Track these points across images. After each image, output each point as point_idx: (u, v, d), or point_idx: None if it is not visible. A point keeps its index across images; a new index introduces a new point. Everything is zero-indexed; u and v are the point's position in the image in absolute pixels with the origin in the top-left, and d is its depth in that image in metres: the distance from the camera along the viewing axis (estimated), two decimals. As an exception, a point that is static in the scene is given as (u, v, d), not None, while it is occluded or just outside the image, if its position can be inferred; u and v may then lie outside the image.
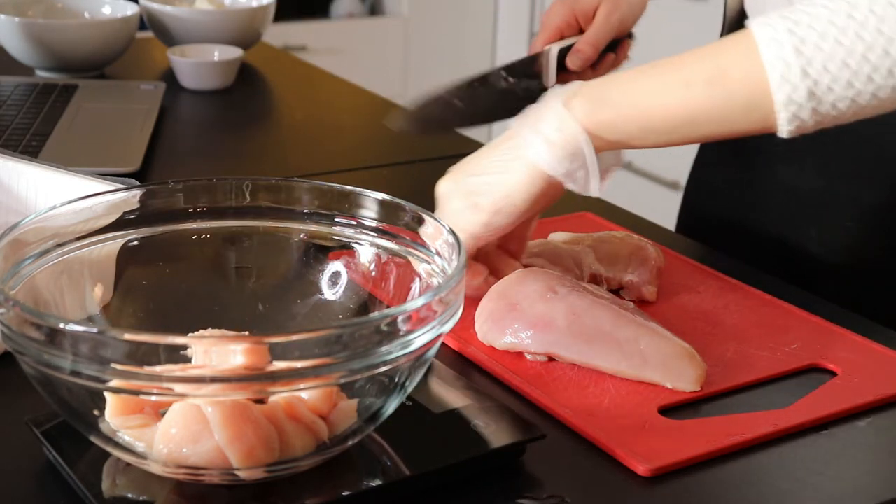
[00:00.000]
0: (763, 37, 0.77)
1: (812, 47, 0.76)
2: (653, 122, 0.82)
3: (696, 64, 0.81)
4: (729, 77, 0.79)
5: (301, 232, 0.82)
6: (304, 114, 1.59)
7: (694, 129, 0.82)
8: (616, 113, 0.83)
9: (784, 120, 0.78)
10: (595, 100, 0.83)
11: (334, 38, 3.34)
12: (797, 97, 0.77)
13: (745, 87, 0.78)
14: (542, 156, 0.84)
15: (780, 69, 0.77)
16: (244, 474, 0.65)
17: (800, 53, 0.76)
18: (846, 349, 0.89)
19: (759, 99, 0.78)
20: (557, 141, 0.83)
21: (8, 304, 0.63)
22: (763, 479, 0.74)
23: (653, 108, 0.82)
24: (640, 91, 0.83)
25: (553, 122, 0.84)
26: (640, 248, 0.98)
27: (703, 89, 0.80)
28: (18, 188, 0.93)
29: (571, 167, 0.84)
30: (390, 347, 0.64)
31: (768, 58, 0.77)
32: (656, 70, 0.83)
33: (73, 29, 1.58)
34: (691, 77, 0.80)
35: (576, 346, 0.84)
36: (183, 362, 0.60)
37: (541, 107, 0.86)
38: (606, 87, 0.84)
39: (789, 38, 0.76)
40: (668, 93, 0.81)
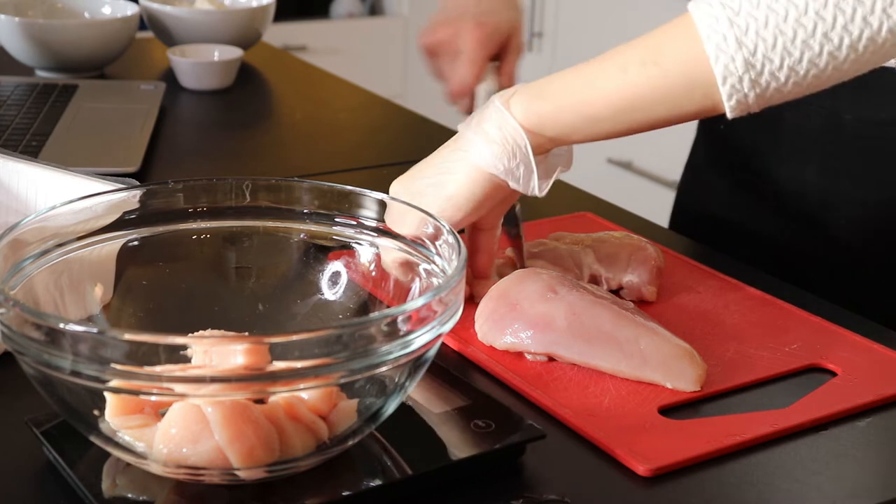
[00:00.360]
0: (697, 12, 0.76)
1: (745, 16, 0.75)
2: (593, 109, 0.81)
3: (632, 48, 0.80)
4: (664, 56, 0.78)
5: (301, 232, 0.82)
6: (304, 114, 1.59)
7: (636, 113, 0.81)
8: (555, 105, 0.82)
9: (725, 94, 0.77)
10: (534, 95, 0.83)
11: (334, 38, 3.34)
12: (734, 69, 0.75)
13: (681, 65, 0.78)
14: (483, 154, 0.84)
15: (715, 40, 0.75)
16: (244, 474, 0.65)
17: (733, 24, 0.75)
18: (846, 349, 0.89)
19: (697, 75, 0.77)
20: (497, 139, 0.83)
21: (8, 304, 0.63)
22: (763, 479, 0.74)
23: (591, 96, 0.81)
24: (577, 81, 0.82)
25: (494, 121, 0.83)
26: (640, 248, 0.98)
27: (638, 70, 0.79)
28: (18, 188, 0.93)
29: (511, 165, 0.84)
30: (390, 347, 0.64)
31: (703, 31, 0.76)
32: (594, 61, 0.82)
33: (73, 29, 1.58)
34: (626, 61, 0.80)
35: (576, 346, 0.84)
36: (183, 362, 0.60)
37: (484, 108, 0.86)
38: (545, 82, 0.84)
39: (723, 10, 0.75)
40: (606, 79, 0.80)
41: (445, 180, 0.86)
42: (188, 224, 0.80)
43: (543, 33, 3.42)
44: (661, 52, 0.78)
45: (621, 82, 0.80)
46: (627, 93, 0.80)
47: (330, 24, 3.40)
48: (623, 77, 0.80)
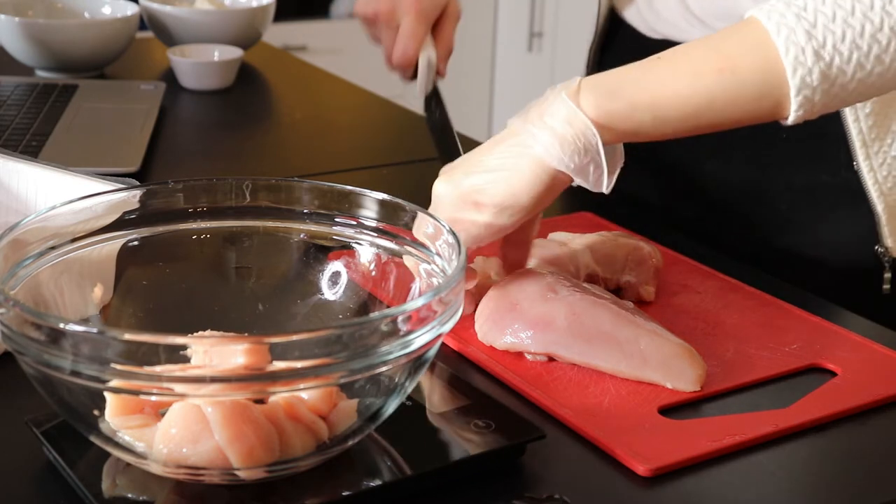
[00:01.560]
0: (772, 23, 0.78)
1: (822, 29, 0.77)
2: (665, 110, 0.81)
3: (705, 53, 0.81)
4: (740, 64, 0.79)
5: (301, 232, 0.82)
6: (304, 114, 1.59)
7: (705, 118, 0.82)
8: (628, 102, 0.81)
9: (796, 104, 0.79)
10: (604, 91, 0.82)
11: (334, 38, 3.34)
12: (810, 80, 0.78)
13: (757, 75, 0.79)
14: (552, 151, 0.81)
15: (793, 53, 0.77)
16: (244, 474, 0.65)
17: (811, 37, 0.77)
18: (846, 349, 0.89)
19: (770, 85, 0.79)
20: (567, 135, 0.81)
21: (8, 304, 0.63)
22: (763, 479, 0.74)
23: (664, 96, 0.81)
24: (651, 81, 0.82)
25: (561, 115, 0.81)
26: (638, 248, 0.98)
27: (715, 78, 0.80)
28: (18, 188, 0.93)
29: (582, 162, 0.82)
30: (390, 347, 0.64)
31: (781, 43, 0.78)
32: (664, 61, 0.82)
33: (73, 29, 1.58)
34: (702, 67, 0.80)
35: (576, 346, 0.84)
36: (183, 362, 0.60)
37: (543, 102, 0.83)
38: (615, 78, 0.83)
39: (798, 22, 0.77)
40: (679, 82, 0.81)
41: (505, 177, 0.83)
42: (188, 224, 0.80)
43: (543, 33, 3.42)
44: (737, 61, 0.79)
45: (696, 88, 0.80)
46: (702, 98, 0.81)
47: (330, 24, 3.40)
48: (698, 82, 0.80)
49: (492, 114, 3.61)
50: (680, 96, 0.81)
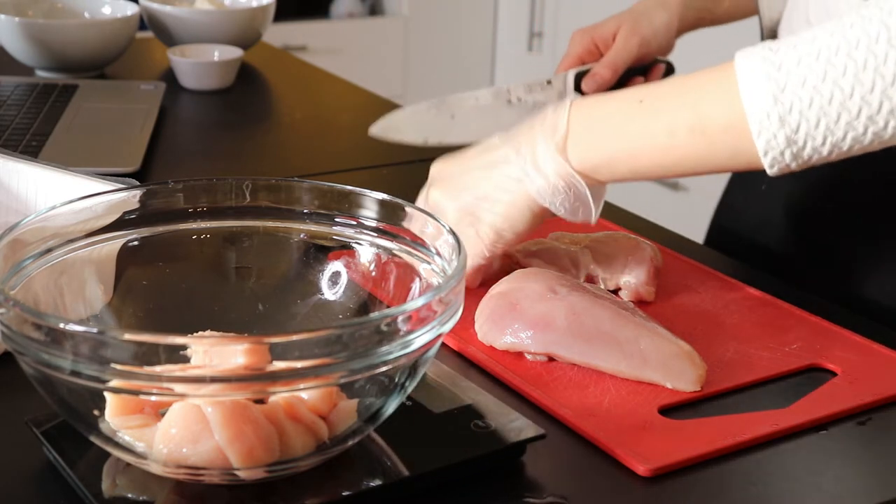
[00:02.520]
0: (743, 79, 0.78)
1: (790, 94, 0.76)
2: (641, 165, 0.85)
3: (679, 109, 0.82)
4: (710, 125, 0.80)
5: (301, 232, 0.82)
6: (304, 114, 1.59)
7: (682, 171, 0.85)
8: (607, 157, 0.85)
9: (766, 164, 0.79)
10: (585, 143, 0.86)
11: (334, 38, 3.35)
12: (776, 144, 0.78)
13: (727, 136, 0.80)
14: (544, 195, 0.87)
15: (758, 117, 0.77)
16: (244, 474, 0.65)
17: (777, 101, 0.76)
18: (846, 349, 0.89)
19: (741, 146, 0.79)
20: (558, 185, 0.87)
21: (8, 304, 0.63)
22: (763, 479, 0.74)
23: (640, 153, 0.84)
24: (628, 133, 0.84)
25: (551, 168, 0.86)
26: (638, 248, 0.98)
27: (686, 137, 0.81)
28: (18, 188, 0.93)
29: (572, 205, 0.88)
30: (390, 347, 0.64)
31: (747, 104, 0.77)
32: (642, 112, 0.84)
33: (73, 29, 1.58)
34: (674, 124, 0.82)
35: (576, 346, 0.84)
36: (183, 362, 0.60)
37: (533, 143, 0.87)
38: (596, 128, 0.86)
39: (767, 83, 0.77)
40: (654, 139, 0.83)
41: (500, 199, 0.89)
42: (188, 224, 0.80)
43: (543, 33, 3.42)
44: (707, 121, 0.80)
45: (669, 145, 0.82)
46: (675, 155, 0.83)
47: (330, 24, 3.40)
48: (671, 141, 0.82)
49: (492, 114, 3.60)
50: (654, 152, 0.83)
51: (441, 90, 3.55)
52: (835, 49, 0.75)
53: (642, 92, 0.85)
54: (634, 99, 0.85)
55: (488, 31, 3.57)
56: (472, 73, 3.56)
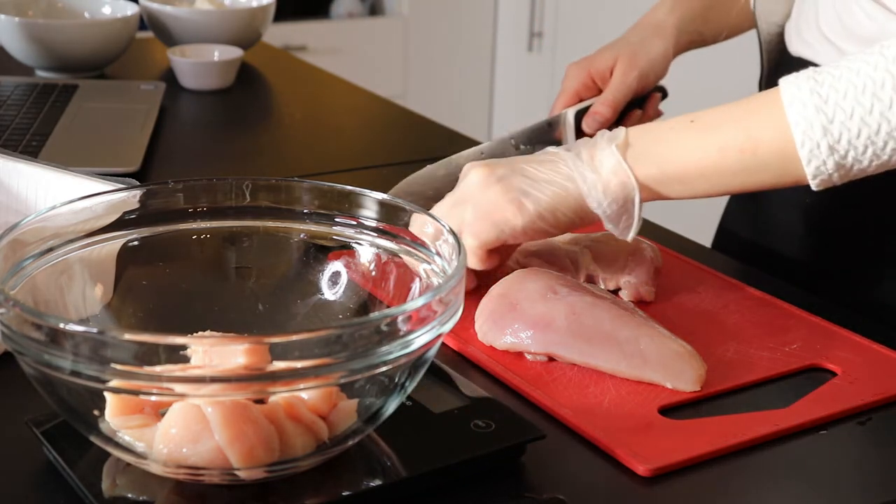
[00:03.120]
0: (793, 111, 0.83)
1: (833, 105, 0.82)
2: (692, 180, 0.88)
3: (731, 129, 0.86)
4: (760, 146, 0.85)
5: (301, 232, 0.82)
6: (304, 114, 1.59)
7: (729, 188, 0.89)
8: (661, 171, 0.88)
9: (810, 176, 0.84)
10: (643, 154, 0.88)
11: (334, 38, 3.34)
12: (825, 169, 0.83)
13: (776, 158, 0.85)
14: (594, 193, 0.88)
15: (808, 147, 0.83)
16: (244, 474, 0.65)
17: (819, 111, 0.82)
18: (846, 349, 0.89)
19: (788, 169, 0.85)
20: (611, 183, 0.88)
21: (8, 304, 0.63)
22: (763, 479, 0.74)
23: (692, 168, 0.87)
24: (681, 150, 0.88)
25: (609, 165, 0.88)
26: (638, 248, 0.98)
27: (737, 157, 0.86)
28: (18, 188, 0.93)
29: (618, 211, 0.89)
30: (390, 347, 0.64)
31: (792, 117, 0.83)
32: (694, 130, 0.88)
33: (73, 29, 1.58)
34: (726, 143, 0.86)
35: (576, 346, 0.84)
36: (183, 362, 0.60)
37: (594, 146, 0.89)
38: (651, 142, 0.89)
39: (810, 97, 0.83)
40: (706, 156, 0.87)
41: (553, 191, 0.89)
42: (188, 224, 0.80)
43: (543, 33, 3.42)
44: (758, 142, 0.85)
45: (721, 164, 0.87)
46: (725, 173, 0.87)
47: (330, 24, 3.40)
48: (722, 159, 0.86)
49: (492, 114, 3.61)
50: (706, 169, 0.87)
51: (441, 90, 3.56)
52: (881, 83, 0.82)
53: (692, 115, 0.89)
54: (685, 119, 0.89)
55: (488, 31, 3.57)
56: (472, 73, 3.56)
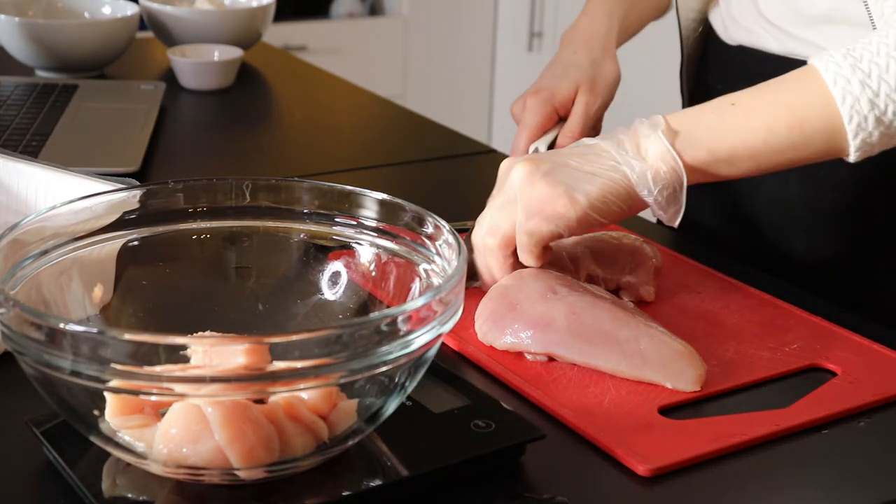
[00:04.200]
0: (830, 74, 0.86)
1: (868, 63, 0.85)
2: (740, 161, 0.89)
3: (776, 109, 0.88)
4: (808, 123, 0.87)
5: (301, 232, 0.82)
6: (304, 114, 1.59)
7: (774, 163, 0.90)
8: (710, 154, 0.89)
9: (854, 147, 0.87)
10: (690, 139, 0.89)
11: (334, 38, 3.34)
12: (866, 125, 0.86)
13: (822, 132, 0.87)
14: (644, 181, 0.88)
15: (849, 102, 0.85)
16: (244, 474, 0.65)
17: (865, 86, 0.85)
18: (846, 349, 0.89)
19: (833, 139, 0.87)
20: (661, 170, 0.88)
21: (8, 304, 0.63)
22: (763, 479, 0.74)
23: (741, 149, 0.89)
24: (727, 131, 0.89)
25: (656, 152, 0.88)
26: (638, 248, 0.98)
27: (785, 135, 0.88)
28: (18, 188, 0.93)
29: (666, 197, 0.89)
30: (390, 347, 0.64)
31: (838, 94, 0.85)
32: (738, 110, 0.90)
33: (73, 29, 1.58)
34: (774, 123, 0.88)
35: (576, 346, 0.84)
36: (183, 362, 0.60)
37: (634, 134, 0.89)
38: (694, 126, 0.90)
39: (854, 73, 0.85)
40: (755, 136, 0.89)
41: (604, 181, 0.88)
42: (188, 224, 0.80)
43: (543, 33, 3.42)
44: (805, 119, 0.87)
45: (769, 143, 0.89)
46: (773, 152, 0.89)
47: (330, 24, 3.40)
48: (770, 137, 0.88)
49: (492, 114, 3.61)
50: (755, 150, 0.89)
51: (441, 90, 3.56)
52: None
53: (729, 98, 0.91)
54: (725, 103, 0.90)
55: (488, 31, 3.57)
56: (472, 73, 3.56)
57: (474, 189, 0.94)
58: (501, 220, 0.90)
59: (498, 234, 0.90)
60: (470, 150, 1.41)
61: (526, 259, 0.90)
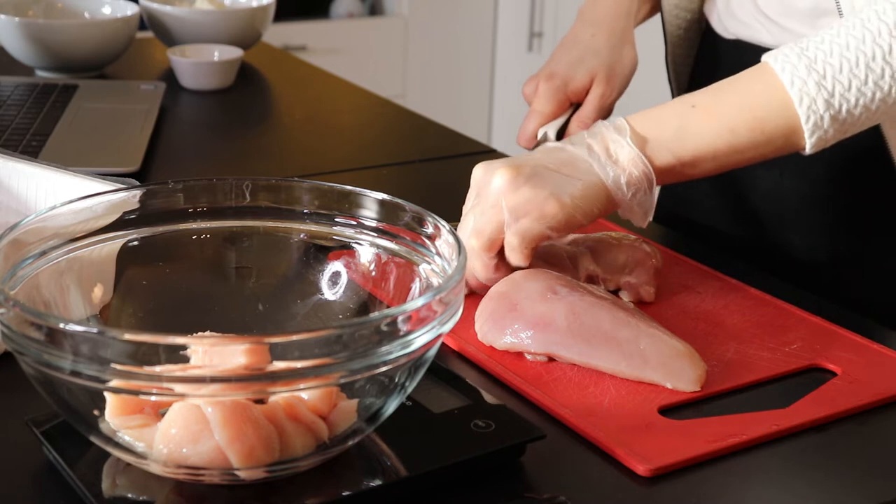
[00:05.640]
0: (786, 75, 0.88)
1: (822, 63, 0.88)
2: (703, 163, 0.92)
3: (738, 111, 0.91)
4: (768, 123, 0.90)
5: (301, 232, 0.82)
6: (304, 114, 1.59)
7: (735, 165, 0.93)
8: (677, 158, 0.91)
9: (810, 145, 0.89)
10: (658, 145, 0.91)
11: (334, 38, 3.34)
12: (816, 108, 0.88)
13: (781, 130, 0.90)
14: (620, 185, 0.90)
15: (806, 102, 0.88)
16: (244, 474, 0.65)
17: (821, 87, 0.88)
18: (846, 349, 0.89)
19: (790, 137, 0.90)
20: (633, 175, 0.90)
21: (8, 304, 0.63)
22: (763, 479, 0.74)
23: (704, 152, 0.91)
24: (691, 136, 0.91)
25: (626, 157, 0.90)
26: (638, 248, 0.98)
27: (747, 137, 0.91)
28: (18, 188, 0.93)
29: (638, 199, 0.91)
30: (390, 347, 0.64)
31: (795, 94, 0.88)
32: (700, 115, 0.92)
33: (73, 29, 1.58)
34: (736, 126, 0.90)
35: (576, 346, 0.84)
36: (183, 362, 0.60)
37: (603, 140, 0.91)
38: (660, 131, 0.91)
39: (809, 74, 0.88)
40: (718, 139, 0.91)
41: (583, 185, 0.90)
42: (188, 224, 0.80)
43: (543, 33, 3.42)
44: (765, 121, 0.90)
45: (731, 143, 0.91)
46: (735, 150, 0.91)
47: (330, 24, 3.40)
48: (733, 139, 0.91)
49: (492, 114, 3.61)
50: (718, 152, 0.91)
51: (441, 90, 3.56)
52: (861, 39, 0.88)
53: (689, 99, 0.93)
54: (686, 106, 0.92)
55: (488, 31, 3.57)
56: (472, 74, 3.56)
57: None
58: (485, 223, 0.90)
59: (483, 237, 0.90)
60: (470, 150, 1.41)
61: (516, 259, 0.90)
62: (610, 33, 1.16)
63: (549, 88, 1.13)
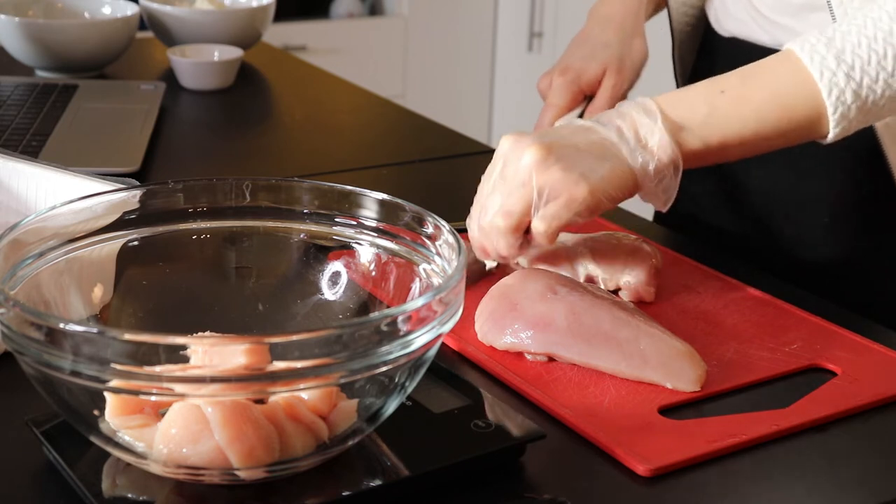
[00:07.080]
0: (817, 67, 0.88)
1: (850, 54, 0.88)
2: (731, 149, 0.92)
3: (764, 99, 0.91)
4: (795, 112, 0.90)
5: (301, 232, 0.82)
6: (304, 114, 1.59)
7: (760, 151, 0.94)
8: (705, 145, 0.91)
9: (834, 123, 0.89)
10: (687, 131, 0.91)
11: (334, 38, 3.34)
12: (844, 99, 0.88)
13: (806, 119, 0.90)
14: (649, 171, 0.90)
15: (835, 93, 0.88)
16: (244, 474, 0.65)
17: (850, 78, 0.88)
18: (846, 349, 0.89)
19: (816, 122, 0.90)
20: (663, 159, 0.90)
21: (8, 304, 0.63)
22: (763, 479, 0.74)
23: (731, 139, 0.91)
24: (719, 121, 0.91)
25: (657, 143, 0.90)
26: (638, 248, 0.98)
27: (774, 124, 0.91)
28: (18, 188, 0.93)
29: (663, 184, 0.91)
30: (390, 347, 0.64)
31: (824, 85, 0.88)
32: (728, 101, 0.91)
33: (73, 29, 1.58)
34: (763, 113, 0.91)
35: (576, 346, 0.84)
36: (183, 362, 0.60)
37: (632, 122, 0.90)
38: (688, 115, 0.91)
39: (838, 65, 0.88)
40: (745, 126, 0.91)
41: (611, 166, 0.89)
42: (188, 224, 0.80)
43: (543, 33, 3.42)
44: (792, 109, 0.90)
45: (759, 132, 0.91)
46: (762, 139, 0.92)
47: (330, 24, 3.40)
48: (759, 126, 0.91)
49: (492, 114, 3.61)
50: (745, 139, 0.91)
51: (441, 90, 3.56)
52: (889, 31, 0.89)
53: (717, 84, 0.92)
54: (715, 90, 0.92)
55: (488, 31, 3.57)
56: (472, 74, 3.56)
57: (474, 189, 0.94)
58: (513, 203, 0.89)
59: (511, 219, 0.89)
60: (470, 150, 1.41)
61: (541, 241, 0.90)
62: (620, 28, 1.19)
63: (563, 82, 1.15)
